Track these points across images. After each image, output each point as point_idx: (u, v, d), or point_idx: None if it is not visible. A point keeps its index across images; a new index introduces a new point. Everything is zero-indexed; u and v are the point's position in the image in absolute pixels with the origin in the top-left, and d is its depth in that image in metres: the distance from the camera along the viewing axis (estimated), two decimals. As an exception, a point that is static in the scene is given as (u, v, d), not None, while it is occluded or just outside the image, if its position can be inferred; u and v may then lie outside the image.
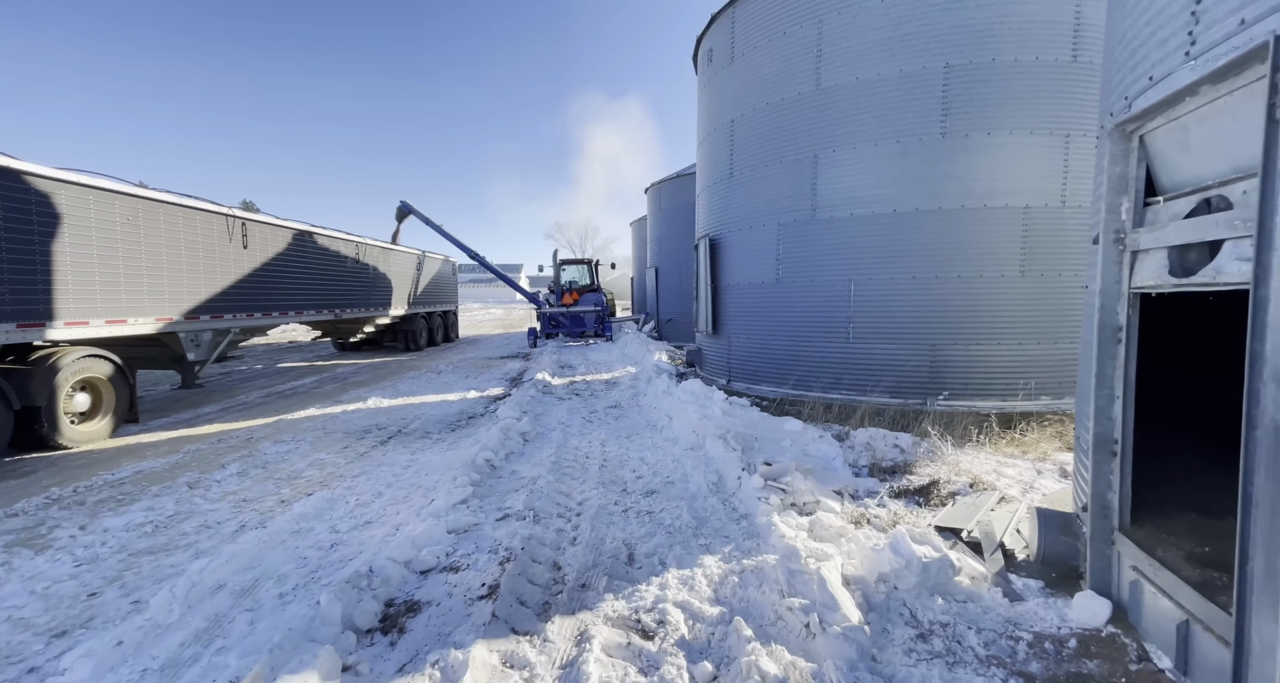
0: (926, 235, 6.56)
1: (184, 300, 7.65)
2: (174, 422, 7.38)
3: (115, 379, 6.51)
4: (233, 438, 6.55)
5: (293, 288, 10.39)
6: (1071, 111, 6.28)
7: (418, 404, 8.48)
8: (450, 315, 19.86)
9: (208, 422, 7.39)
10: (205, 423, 7.32)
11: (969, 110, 6.31)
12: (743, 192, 8.16)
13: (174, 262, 7.48)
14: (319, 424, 7.12)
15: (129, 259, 6.74)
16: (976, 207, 6.39)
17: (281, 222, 9.95)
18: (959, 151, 6.38)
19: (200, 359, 8.17)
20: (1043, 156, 6.33)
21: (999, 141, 6.31)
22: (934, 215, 6.51)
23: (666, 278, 16.64)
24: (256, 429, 6.97)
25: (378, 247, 14.21)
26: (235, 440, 6.44)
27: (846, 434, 5.57)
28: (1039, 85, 6.22)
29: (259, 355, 15.65)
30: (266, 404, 8.67)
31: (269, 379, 11.22)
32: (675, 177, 15.92)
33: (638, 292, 26.42)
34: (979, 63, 6.24)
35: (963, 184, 6.40)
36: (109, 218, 6.47)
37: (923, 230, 6.56)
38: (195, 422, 7.39)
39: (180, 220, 7.55)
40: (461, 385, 10.20)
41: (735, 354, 8.57)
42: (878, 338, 6.86)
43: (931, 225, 6.52)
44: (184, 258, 7.63)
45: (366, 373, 12.14)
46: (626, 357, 13.72)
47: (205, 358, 8.27)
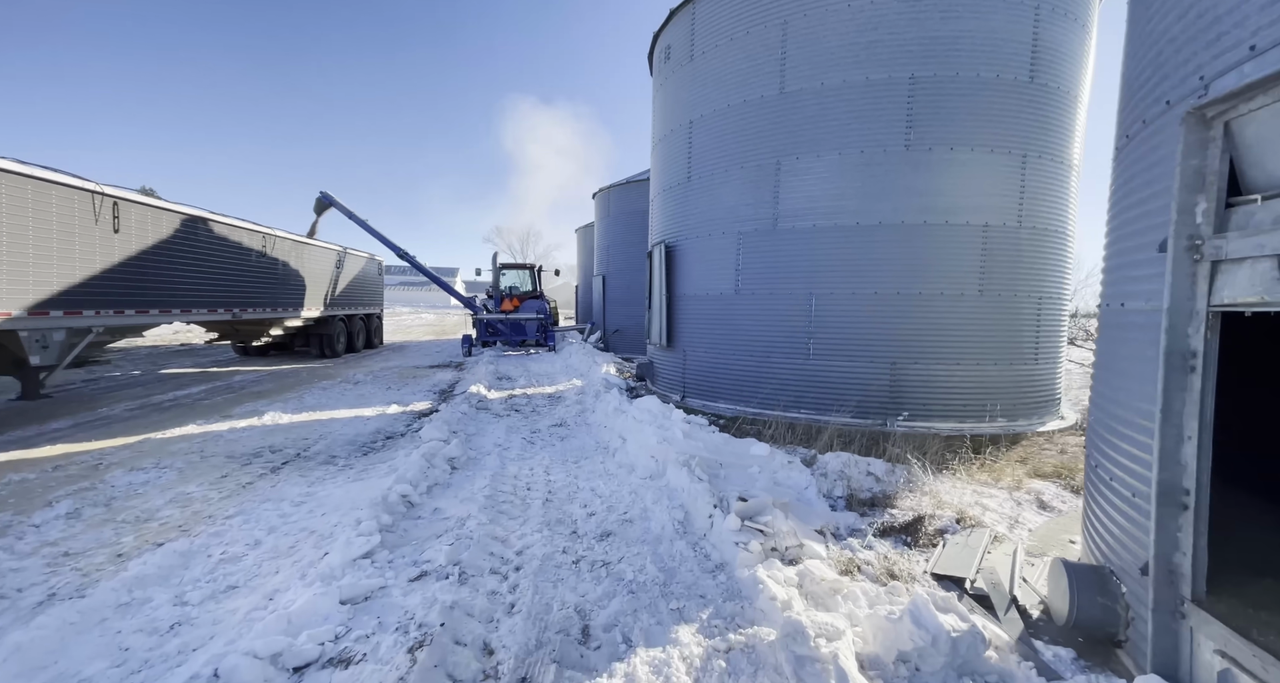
0: (889, 250, 6.35)
1: (28, 292, 6.17)
2: (3, 442, 5.87)
3: None
4: (76, 464, 5.23)
5: (179, 282, 8.88)
6: (1029, 132, 6.30)
7: (325, 421, 7.32)
8: (374, 319, 18.24)
9: (51, 441, 5.94)
10: (47, 443, 5.87)
11: (933, 124, 6.18)
12: (702, 197, 7.72)
13: (16, 245, 6.02)
14: (196, 445, 5.88)
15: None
16: (938, 222, 6.25)
17: (166, 205, 8.48)
18: (922, 166, 6.23)
19: (48, 364, 6.65)
20: (1002, 175, 6.29)
21: (961, 157, 6.21)
22: (896, 230, 6.31)
23: (615, 286, 16.04)
24: (112, 452, 5.64)
25: (290, 240, 12.68)
26: (79, 467, 5.13)
27: (814, 459, 5.14)
28: (1000, 103, 6.19)
29: (139, 360, 13.52)
30: (134, 419, 7.20)
31: (145, 388, 9.52)
32: (626, 182, 15.44)
33: (583, 300, 25.65)
34: (943, 76, 6.13)
35: (925, 199, 6.25)
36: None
37: (885, 245, 6.35)
38: (34, 441, 5.92)
39: (28, 195, 6.10)
40: (381, 398, 9.05)
41: (691, 369, 8.06)
42: (839, 355, 6.55)
43: (894, 240, 6.32)
44: (31, 241, 6.17)
45: (269, 382, 10.64)
46: (571, 369, 12.93)
47: (55, 362, 6.74)
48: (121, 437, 6.23)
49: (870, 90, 6.25)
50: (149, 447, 5.83)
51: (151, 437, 6.18)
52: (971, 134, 6.19)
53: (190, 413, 7.63)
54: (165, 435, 6.28)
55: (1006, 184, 6.30)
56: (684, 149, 7.99)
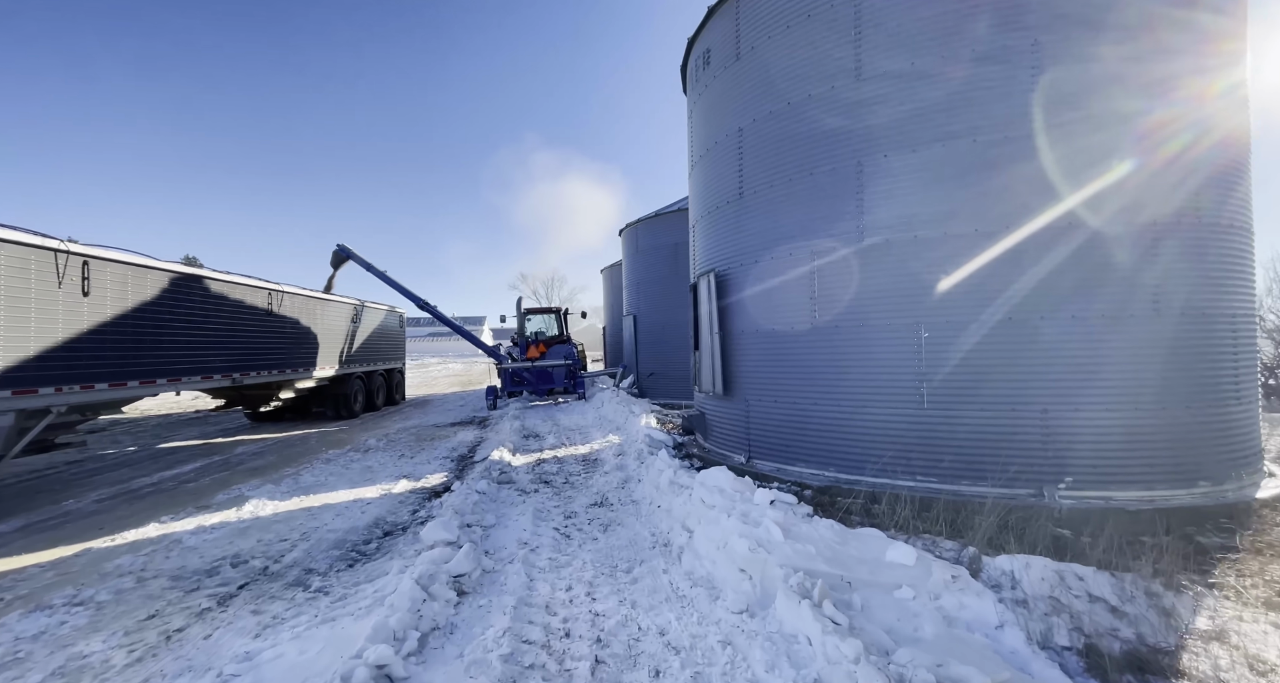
0: (1023, 261, 4.85)
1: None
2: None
3: None
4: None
5: (166, 348, 7.89)
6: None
7: (318, 509, 5.99)
8: (395, 374, 17.27)
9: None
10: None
11: (1076, 93, 4.78)
12: (759, 215, 6.40)
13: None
14: (143, 559, 4.57)
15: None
16: (1089, 221, 4.75)
17: (150, 262, 7.59)
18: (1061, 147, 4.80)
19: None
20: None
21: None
22: (1033, 235, 4.82)
23: (647, 327, 14.73)
24: (34, 573, 4.38)
25: (300, 296, 11.84)
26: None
27: (977, 562, 3.51)
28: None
29: (143, 432, 12.63)
30: (98, 514, 6.02)
31: (133, 469, 8.43)
32: (654, 216, 14.38)
33: (611, 342, 24.45)
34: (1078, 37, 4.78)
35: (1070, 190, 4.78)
36: None
37: (1018, 254, 4.85)
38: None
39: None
40: (390, 472, 7.72)
41: (757, 423, 6.52)
42: (966, 402, 4.97)
43: (1030, 247, 4.82)
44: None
45: (272, 453, 9.47)
46: (606, 420, 11.48)
47: (0, 452, 5.64)
48: (63, 545, 4.99)
49: (981, 65, 4.92)
50: (84, 563, 4.55)
51: (95, 546, 4.91)
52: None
53: (164, 503, 6.41)
54: (115, 542, 5.01)
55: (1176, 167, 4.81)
56: (733, 162, 6.76)
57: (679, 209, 13.70)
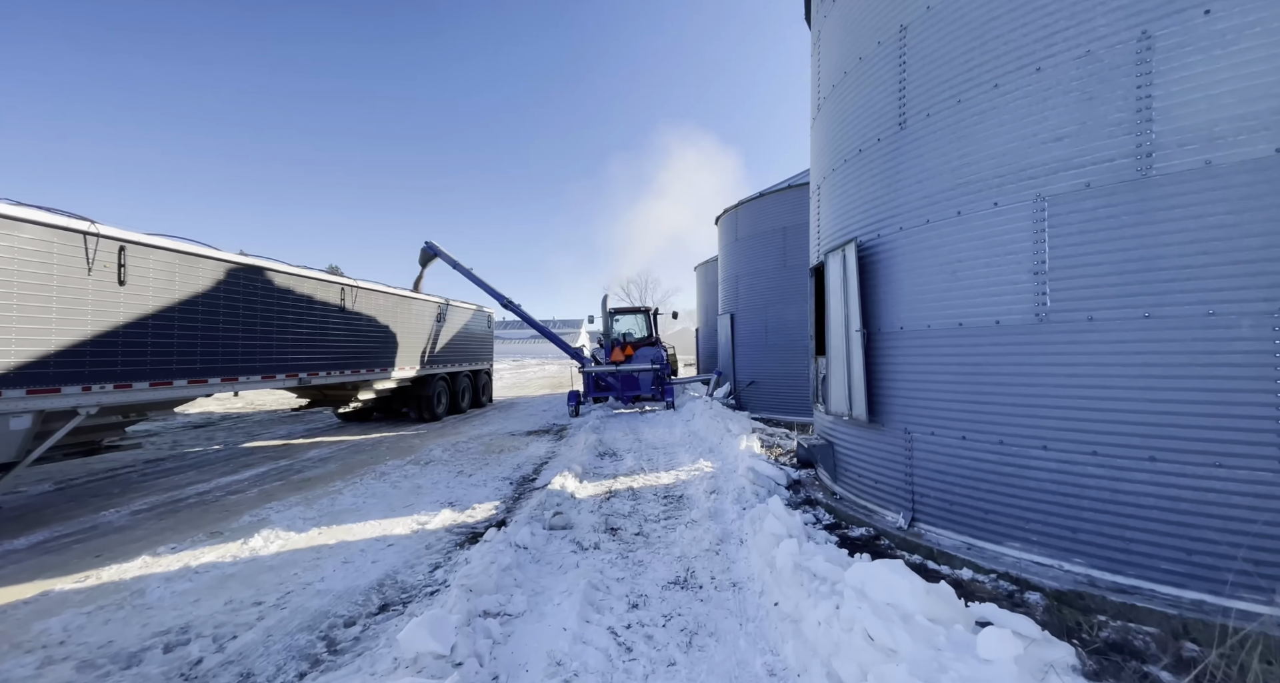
0: None
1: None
2: None
3: None
4: None
5: (220, 344, 7.30)
6: None
7: (331, 548, 4.76)
8: (482, 375, 16.68)
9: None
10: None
11: None
12: (934, 149, 4.20)
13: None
14: (78, 622, 3.49)
15: None
16: None
17: (203, 251, 7.00)
18: None
19: (5, 460, 4.94)
20: None
21: None
22: None
23: (746, 327, 12.62)
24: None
25: (378, 292, 11.27)
26: None
27: None
28: None
29: (242, 427, 12.84)
30: (115, 533, 5.29)
31: (199, 472, 8.02)
32: (758, 196, 12.25)
33: (705, 346, 22.47)
34: None
35: None
36: None
37: None
38: None
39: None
40: (436, 496, 6.46)
41: (926, 467, 4.30)
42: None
43: None
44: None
45: (336, 460, 8.75)
46: (696, 437, 9.60)
47: (14, 458, 5.03)
48: (32, 582, 4.13)
49: None
50: (14, 620, 3.55)
51: (56, 588, 3.96)
52: None
53: (188, 522, 5.59)
54: (82, 584, 4.06)
55: None
56: (888, 79, 4.61)
57: (789, 186, 11.47)
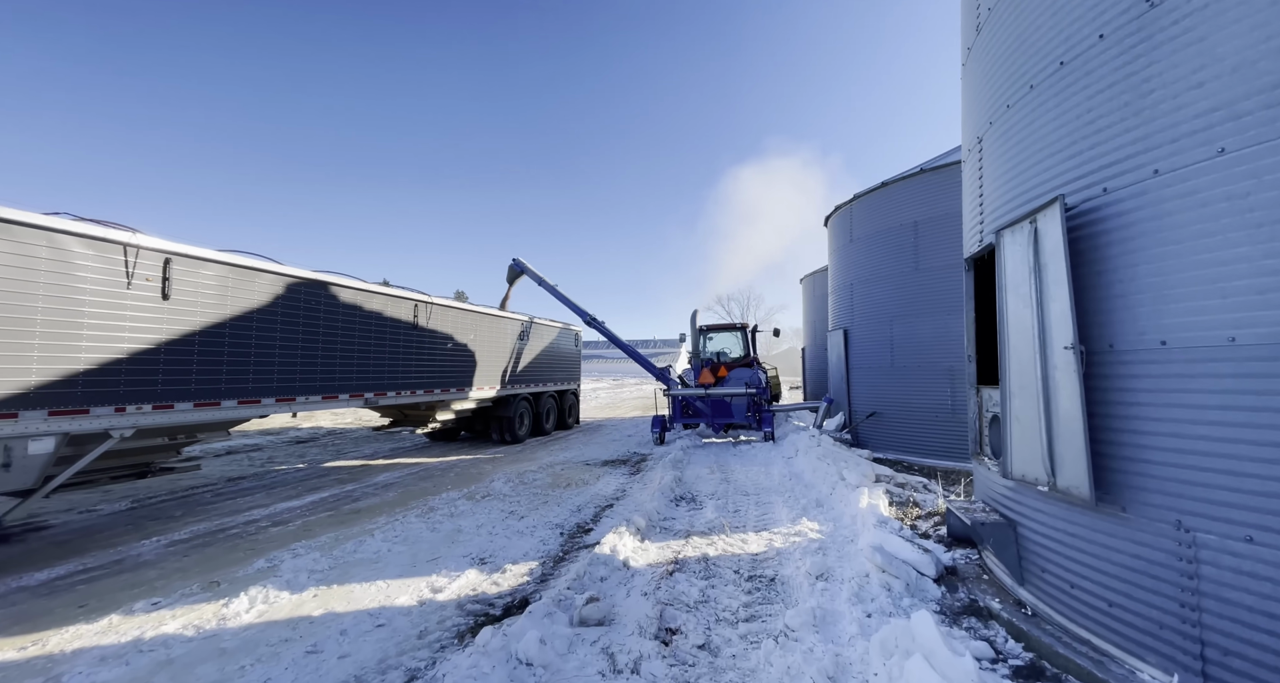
0: None
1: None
2: None
3: None
4: None
5: (278, 363, 6.94)
6: None
7: (310, 622, 3.76)
8: (568, 396, 15.93)
9: None
10: None
11: None
12: (1251, 11, 2.28)
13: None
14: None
15: None
16: None
17: (257, 264, 6.70)
18: None
19: (18, 487, 4.63)
20: None
21: None
22: None
23: (864, 345, 10.42)
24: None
25: (454, 309, 10.84)
26: None
27: None
28: None
29: (341, 444, 13.08)
30: (128, 572, 4.82)
31: (266, 495, 7.78)
32: (879, 187, 10.14)
33: (811, 367, 20.02)
34: None
35: None
36: None
37: None
38: None
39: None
40: (469, 547, 5.35)
41: (1230, 597, 2.26)
42: None
43: None
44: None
45: (397, 489, 8.14)
46: (799, 482, 7.71)
47: (32, 485, 4.72)
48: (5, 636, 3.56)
49: None
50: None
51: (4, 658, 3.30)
52: None
53: (199, 565, 4.99)
54: (21, 654, 3.37)
55: None
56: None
57: (920, 171, 9.28)
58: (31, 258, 4.60)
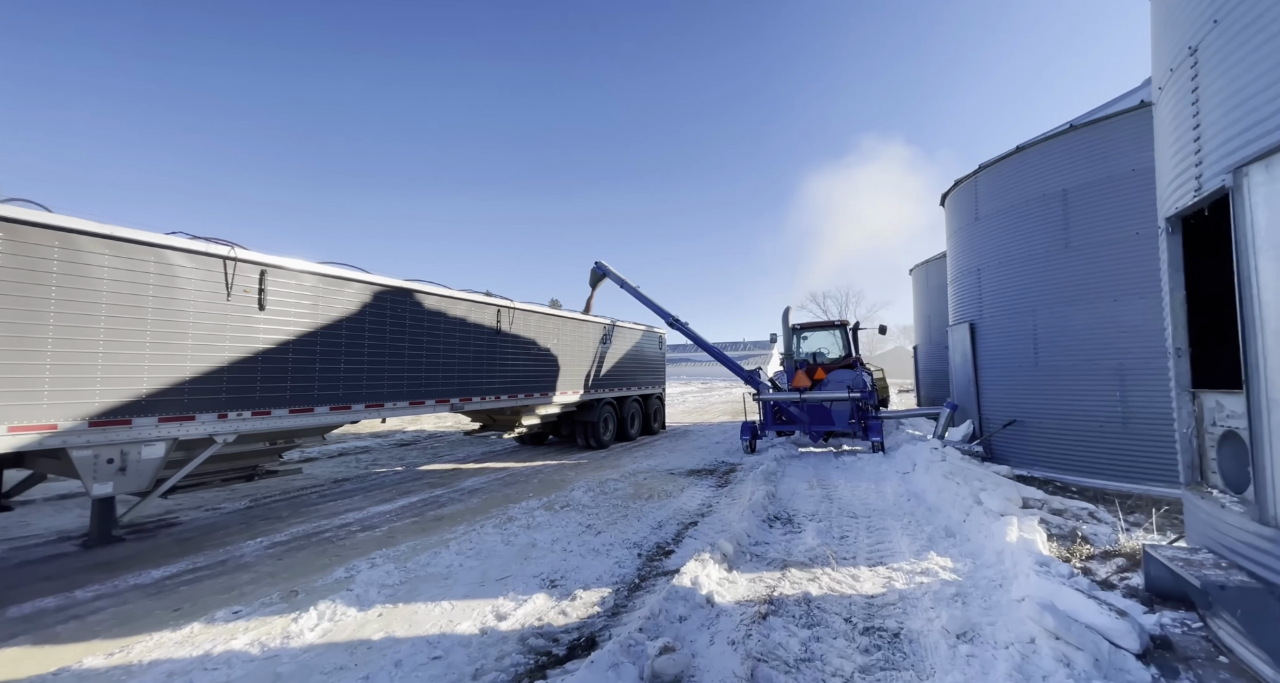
0: None
1: (93, 396, 4.55)
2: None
3: None
4: None
5: (367, 369, 7.11)
6: None
7: (369, 647, 3.52)
8: (653, 400, 15.46)
9: (10, 641, 3.67)
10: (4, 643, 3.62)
11: None
12: None
13: (77, 332, 4.49)
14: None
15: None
16: None
17: (348, 274, 6.88)
18: None
19: (135, 489, 4.94)
20: None
21: None
22: None
23: (998, 341, 8.84)
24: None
25: (536, 313, 10.77)
26: None
27: None
28: None
29: (436, 449, 13.60)
30: (227, 574, 4.96)
31: (364, 497, 8.04)
32: (1013, 152, 8.56)
33: (926, 368, 17.94)
34: None
35: None
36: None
37: None
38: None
39: (102, 262, 4.62)
40: (541, 566, 4.96)
41: None
42: None
43: None
44: (103, 326, 4.63)
45: (482, 494, 8.09)
46: (920, 504, 6.54)
47: (145, 488, 5.03)
48: (97, 640, 3.68)
49: None
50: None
51: (80, 664, 3.36)
52: None
53: (287, 571, 5.06)
54: (108, 662, 3.42)
55: None
56: None
57: (1070, 127, 7.65)
58: (142, 273, 4.90)
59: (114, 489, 4.77)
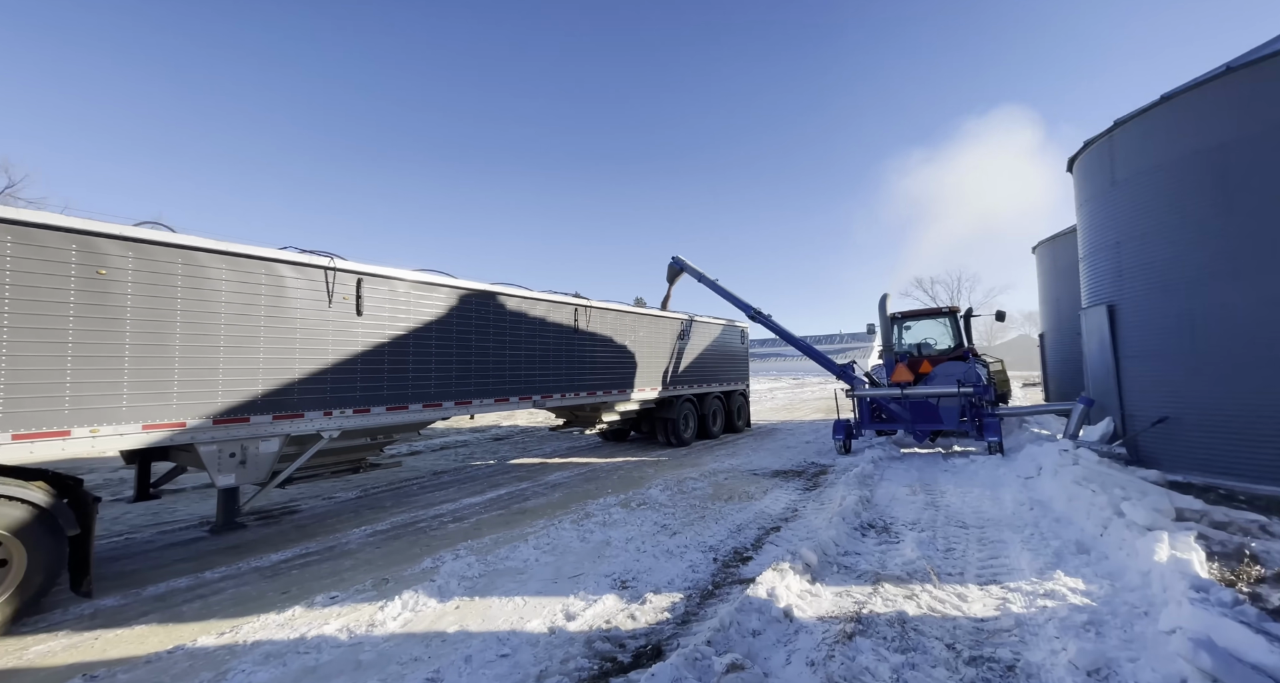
0: None
1: (215, 396, 5.14)
2: (94, 614, 4.20)
3: (27, 533, 3.97)
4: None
5: (453, 369, 7.47)
6: None
7: (442, 640, 3.62)
8: (736, 397, 14.99)
9: (141, 617, 4.15)
10: (126, 623, 4.04)
11: None
12: None
13: (199, 340, 5.08)
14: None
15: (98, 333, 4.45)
16: None
17: (432, 279, 7.26)
18: None
19: (254, 481, 5.53)
20: None
21: None
22: None
23: (1144, 325, 7.47)
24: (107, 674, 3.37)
25: (613, 311, 10.79)
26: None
27: None
28: None
29: (525, 444, 14.15)
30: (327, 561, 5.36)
31: (457, 489, 8.49)
32: (1158, 103, 7.17)
33: (1054, 359, 15.83)
34: None
35: None
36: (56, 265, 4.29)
37: None
38: (118, 618, 4.13)
39: (220, 277, 5.20)
40: (614, 565, 4.87)
41: None
42: None
43: None
44: (222, 333, 5.21)
45: (563, 489, 8.24)
46: (1046, 513, 5.66)
47: (263, 479, 5.61)
48: (210, 620, 4.12)
49: None
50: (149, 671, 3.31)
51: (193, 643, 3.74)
52: None
53: (384, 558, 5.40)
54: (218, 640, 3.79)
55: None
56: None
57: (1229, 70, 6.25)
58: (254, 285, 5.46)
59: (236, 480, 5.36)
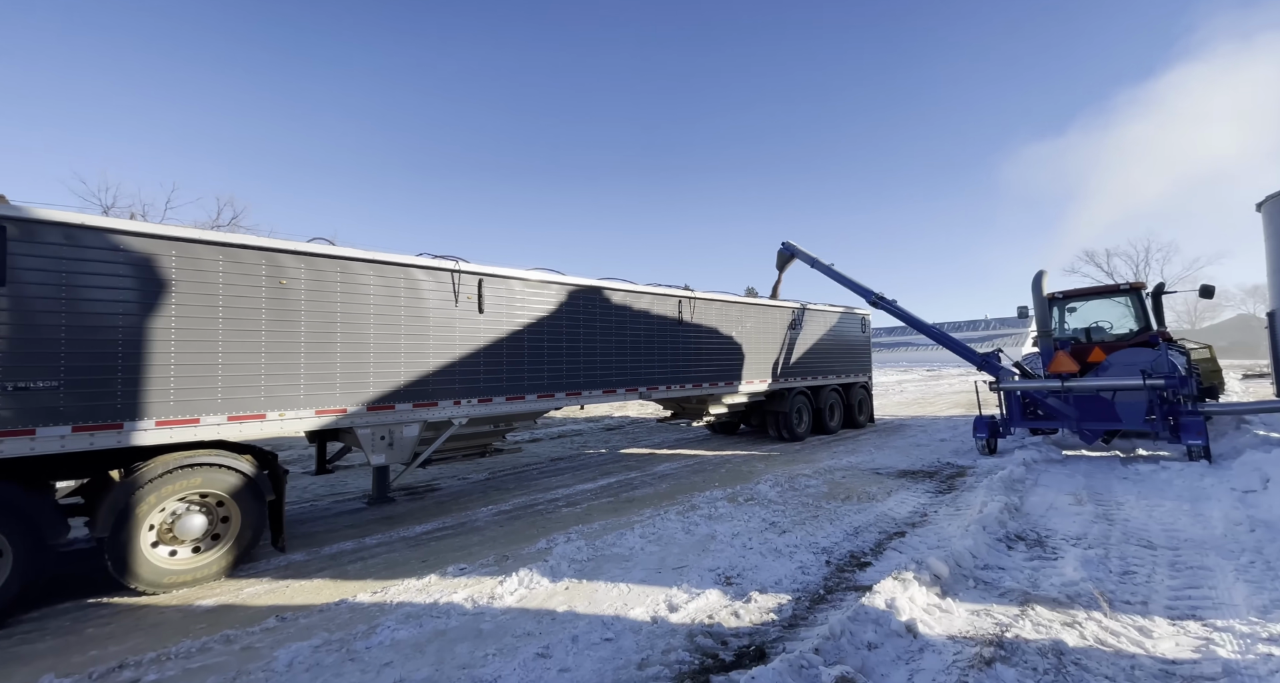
0: None
1: (368, 385, 5.90)
2: (287, 566, 5.10)
3: (241, 496, 4.91)
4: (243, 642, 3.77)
5: (564, 361, 7.83)
6: None
7: (552, 618, 3.80)
8: (856, 390, 13.93)
9: (320, 571, 4.93)
10: (307, 575, 4.83)
11: None
12: None
13: (354, 336, 5.84)
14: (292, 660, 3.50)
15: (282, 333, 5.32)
16: None
17: (541, 277, 7.64)
18: None
19: (398, 461, 6.26)
20: None
21: None
22: None
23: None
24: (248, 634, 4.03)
25: (717, 302, 10.56)
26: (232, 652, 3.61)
27: None
28: None
29: (635, 434, 14.46)
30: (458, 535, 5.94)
31: (572, 475, 8.95)
32: None
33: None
34: None
35: None
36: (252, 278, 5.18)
37: None
38: (303, 571, 4.94)
39: (369, 282, 5.94)
40: (718, 559, 4.76)
41: None
42: None
43: None
44: (372, 331, 5.95)
45: (670, 480, 8.30)
46: (1274, 533, 4.45)
47: (406, 460, 6.33)
48: (367, 579, 4.75)
49: None
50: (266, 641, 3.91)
51: (354, 598, 4.32)
52: None
53: (507, 536, 5.85)
54: (373, 597, 4.34)
55: None
56: None
57: None
58: (395, 288, 6.15)
59: (386, 460, 6.12)
